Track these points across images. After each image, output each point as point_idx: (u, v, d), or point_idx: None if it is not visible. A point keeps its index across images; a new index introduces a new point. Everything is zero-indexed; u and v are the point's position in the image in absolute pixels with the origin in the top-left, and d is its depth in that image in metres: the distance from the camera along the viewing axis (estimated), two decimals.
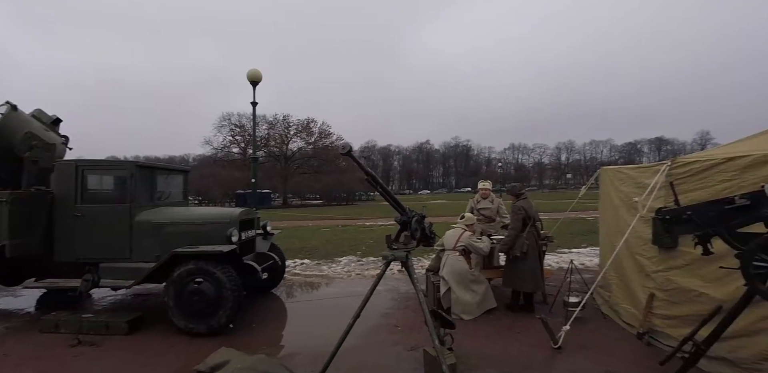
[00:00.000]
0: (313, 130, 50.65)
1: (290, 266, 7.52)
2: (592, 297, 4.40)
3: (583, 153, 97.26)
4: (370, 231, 13.80)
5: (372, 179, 2.50)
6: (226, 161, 48.29)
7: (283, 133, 50.15)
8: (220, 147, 49.14)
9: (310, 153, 50.56)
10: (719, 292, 2.89)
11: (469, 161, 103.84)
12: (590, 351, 3.45)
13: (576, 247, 8.83)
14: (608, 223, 4.50)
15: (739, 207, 1.90)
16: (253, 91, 7.72)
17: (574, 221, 13.27)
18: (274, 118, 49.62)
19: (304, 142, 51.08)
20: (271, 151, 49.49)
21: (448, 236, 4.68)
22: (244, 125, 46.93)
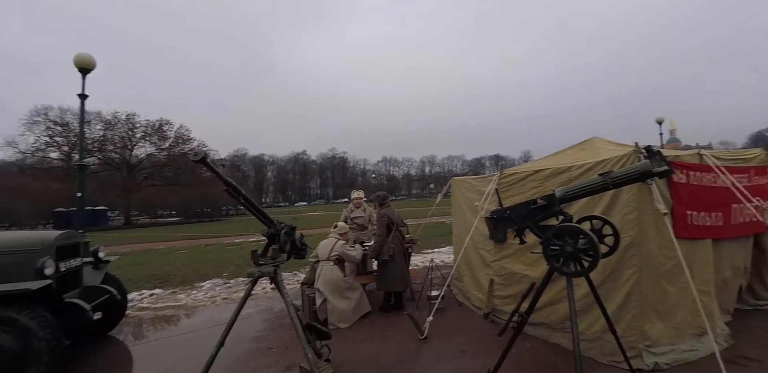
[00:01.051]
0: (168, 134, 43.46)
1: (135, 299, 6.35)
2: (450, 289, 5.06)
3: (442, 166, 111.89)
4: (240, 249, 12.77)
5: (232, 189, 2.36)
6: (40, 169, 36.41)
7: (126, 136, 41.36)
8: (30, 150, 36.51)
9: (163, 161, 43.23)
10: (536, 272, 3.69)
11: (345, 173, 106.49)
12: (449, 336, 3.95)
13: (437, 247, 9.97)
14: (458, 224, 5.26)
15: (540, 206, 2.50)
16: (83, 81, 6.36)
17: (435, 225, 14.94)
18: (114, 116, 40.43)
19: (155, 148, 43.26)
20: (109, 157, 40.41)
21: (322, 247, 4.73)
22: (69, 123, 36.36)
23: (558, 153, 4.61)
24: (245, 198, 2.51)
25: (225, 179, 2.33)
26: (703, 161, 3.38)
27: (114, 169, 41.15)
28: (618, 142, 4.12)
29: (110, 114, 40.43)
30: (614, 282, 3.13)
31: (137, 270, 9.20)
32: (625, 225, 3.00)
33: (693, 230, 3.24)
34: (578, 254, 2.20)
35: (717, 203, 3.39)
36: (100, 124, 39.83)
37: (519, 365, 3.21)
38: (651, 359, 2.96)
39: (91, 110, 37.49)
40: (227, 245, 14.79)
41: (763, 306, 4.05)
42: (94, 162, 38.27)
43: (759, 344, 3.28)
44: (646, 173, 2.14)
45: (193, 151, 2.15)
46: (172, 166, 43.23)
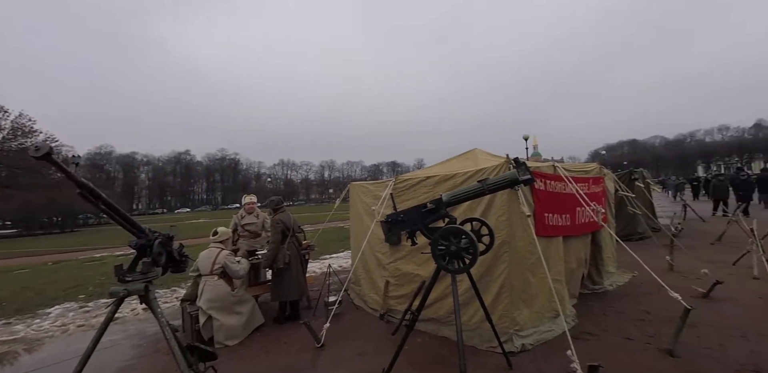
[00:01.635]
0: (1, 123, 34.86)
1: None
2: (347, 293, 5.08)
3: (342, 171, 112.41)
4: (102, 265, 10.81)
5: (88, 192, 1.93)
6: None
7: None
8: None
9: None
10: (426, 272, 3.95)
11: (237, 176, 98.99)
12: (346, 340, 3.94)
13: (335, 252, 9.92)
14: (356, 228, 5.33)
15: (430, 210, 2.69)
16: None
17: (334, 230, 14.90)
18: None
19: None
20: None
21: (202, 259, 4.24)
22: None
23: (446, 161, 5.04)
24: (106, 203, 2.08)
25: (78, 180, 1.89)
26: (556, 172, 4.07)
27: None
28: (494, 153, 4.70)
29: None
30: (490, 276, 3.54)
31: None
32: (499, 226, 3.43)
33: (549, 229, 3.87)
34: (461, 253, 2.43)
35: (566, 206, 4.12)
36: None
37: (411, 360, 3.37)
38: (519, 342, 3.41)
39: None
40: (85, 260, 12.39)
41: (598, 290, 5.02)
42: None
43: (596, 321, 4.04)
44: (514, 181, 2.47)
45: (34, 146, 1.70)
46: (5, 164, 34.40)
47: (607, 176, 5.61)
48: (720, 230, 8.13)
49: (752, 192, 12.65)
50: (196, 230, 19.66)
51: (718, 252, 6.98)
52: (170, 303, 5.98)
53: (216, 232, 4.40)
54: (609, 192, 5.53)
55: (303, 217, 26.24)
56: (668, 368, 2.99)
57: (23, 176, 34.77)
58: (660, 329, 3.68)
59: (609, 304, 4.55)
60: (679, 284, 4.71)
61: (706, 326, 3.68)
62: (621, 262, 5.74)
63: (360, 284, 5.12)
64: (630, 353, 3.26)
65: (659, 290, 3.35)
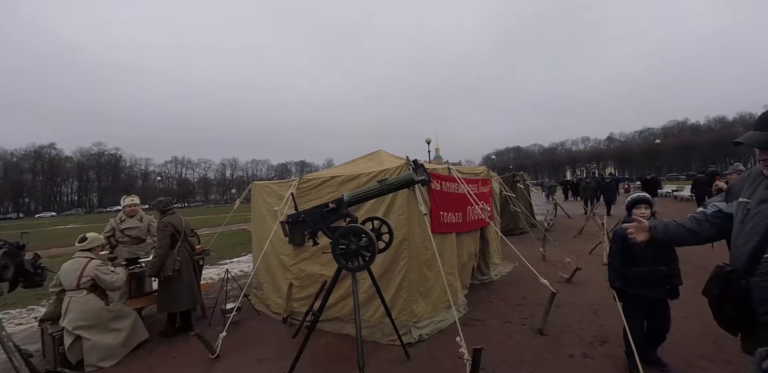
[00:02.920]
0: None
1: None
2: (247, 299, 4.83)
3: (246, 170, 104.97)
4: None
5: None
6: None
7: None
8: None
9: None
10: (331, 271, 3.90)
11: (119, 174, 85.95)
12: (246, 348, 3.76)
13: (236, 256, 9.31)
14: (258, 230, 5.10)
15: (331, 209, 2.73)
16: None
17: (236, 232, 13.96)
18: None
19: None
20: None
21: (65, 272, 3.61)
22: None
23: (351, 162, 5.15)
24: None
25: None
26: (450, 173, 4.47)
27: None
28: (398, 155, 4.95)
29: None
30: (391, 273, 3.73)
31: None
32: (399, 224, 3.64)
33: (444, 226, 4.23)
34: (360, 251, 2.52)
35: (459, 205, 4.54)
36: None
37: (314, 361, 3.36)
38: (417, 333, 3.65)
39: None
40: None
41: (486, 280, 5.65)
42: None
43: (483, 308, 4.54)
44: (411, 181, 2.66)
45: None
46: None
47: (494, 178, 6.36)
48: (581, 225, 9.83)
49: (615, 194, 15.24)
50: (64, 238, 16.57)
51: (579, 243, 8.42)
52: (28, 324, 4.96)
53: (84, 238, 3.77)
54: (495, 192, 6.27)
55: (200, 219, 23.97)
56: (539, 345, 3.50)
57: None
58: (534, 311, 4.29)
59: (494, 292, 5.16)
60: (549, 272, 5.57)
61: (568, 307, 4.41)
62: (504, 254, 6.54)
63: (262, 288, 4.92)
64: (510, 334, 3.74)
65: (534, 278, 3.91)
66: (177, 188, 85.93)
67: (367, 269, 2.70)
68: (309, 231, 2.71)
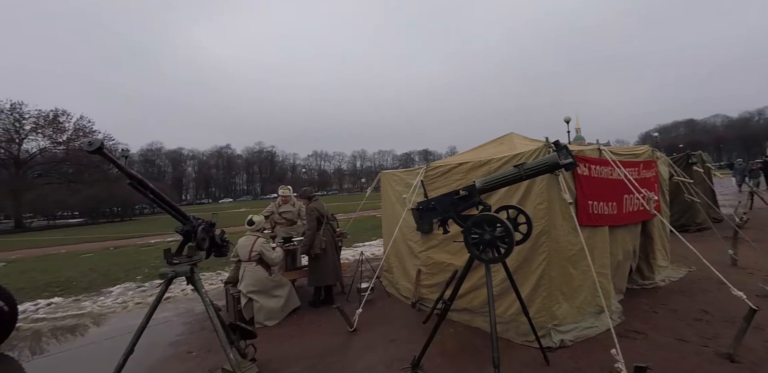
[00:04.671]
0: (66, 125, 38.16)
1: (28, 310, 5.56)
2: (379, 280, 5.12)
3: (373, 161, 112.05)
4: (155, 250, 11.64)
5: (138, 183, 2.12)
6: None
7: (11, 128, 35.57)
8: None
9: (62, 156, 37.91)
10: (460, 261, 3.86)
11: (274, 167, 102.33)
12: (378, 326, 3.98)
13: (367, 240, 10.02)
14: (388, 217, 5.32)
15: (462, 197, 2.60)
16: None
17: (366, 218, 15.05)
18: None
19: (50, 142, 37.75)
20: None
21: (240, 246, 4.41)
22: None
23: (479, 147, 4.87)
24: (153, 192, 2.27)
25: (128, 172, 2.08)
26: (602, 156, 3.79)
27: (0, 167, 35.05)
28: (532, 137, 4.47)
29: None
30: (528, 267, 3.40)
31: (32, 278, 7.97)
32: (537, 214, 3.26)
33: (593, 218, 3.64)
34: (495, 242, 2.33)
35: (612, 193, 3.84)
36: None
37: (443, 349, 3.34)
38: (558, 337, 3.26)
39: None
40: (141, 245, 13.41)
41: (648, 285, 4.68)
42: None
43: (644, 319, 3.77)
44: (554, 165, 2.32)
45: (88, 141, 1.87)
46: (72, 162, 37.85)
47: (661, 160, 5.15)
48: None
49: None
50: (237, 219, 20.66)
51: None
52: (215, 285, 6.34)
53: (252, 221, 4.56)
54: (663, 178, 5.10)
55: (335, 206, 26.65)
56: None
57: (87, 173, 38.11)
58: (719, 330, 3.37)
59: (660, 301, 4.24)
60: (744, 282, 4.30)
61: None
62: (675, 255, 5.32)
63: (392, 272, 5.14)
64: (683, 355, 3.02)
65: (720, 288, 3.07)
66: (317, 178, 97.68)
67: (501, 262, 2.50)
68: (439, 219, 2.64)
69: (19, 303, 4.65)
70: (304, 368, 3.19)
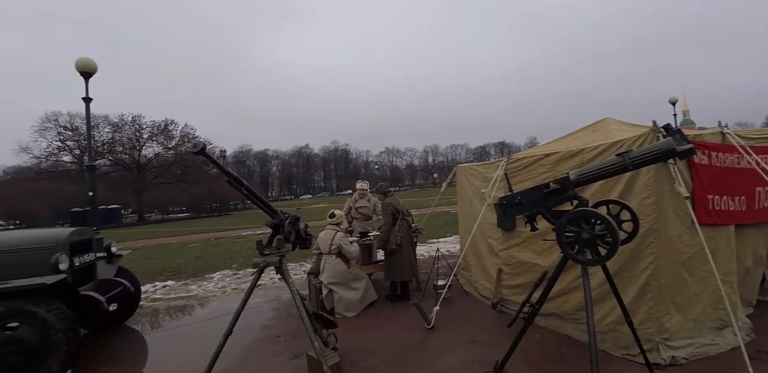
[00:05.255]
0: (173, 133, 44.24)
1: (148, 291, 6.46)
2: (456, 278, 4.97)
3: (446, 155, 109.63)
4: (247, 241, 12.85)
5: (234, 180, 2.32)
6: (54, 173, 38.01)
7: (133, 137, 42.17)
8: (44, 155, 37.66)
9: (171, 159, 43.90)
10: (547, 261, 3.57)
11: (348, 165, 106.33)
12: (457, 326, 3.87)
13: (442, 237, 9.84)
14: (465, 212, 5.13)
15: (553, 190, 2.36)
16: (86, 85, 6.41)
17: (440, 214, 14.83)
18: (121, 119, 41.27)
19: (162, 148, 44.08)
20: (119, 158, 41.25)
21: (321, 239, 4.60)
22: (78, 127, 37.16)
23: (567, 136, 4.43)
24: (247, 189, 2.47)
25: (226, 170, 2.29)
26: (726, 141, 3.17)
27: (125, 170, 41.70)
28: (632, 123, 3.93)
29: (117, 117, 41.11)
30: (631, 271, 2.99)
31: (151, 264, 9.30)
32: (644, 210, 2.85)
33: (715, 215, 3.08)
34: (595, 241, 2.08)
35: (740, 185, 3.21)
36: (108, 127, 40.63)
37: (528, 355, 3.12)
38: (668, 353, 2.83)
39: (98, 114, 38.85)
40: (235, 237, 14.90)
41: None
42: (105, 163, 39.13)
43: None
44: (669, 152, 1.98)
45: (192, 143, 2.10)
46: (179, 165, 43.66)
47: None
48: None
49: None
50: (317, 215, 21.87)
51: None
52: (298, 275, 6.78)
53: (333, 214, 4.75)
54: None
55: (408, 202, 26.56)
56: None
57: (192, 174, 43.69)
58: None
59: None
60: None
61: None
62: None
63: (470, 270, 4.96)
64: None
65: None
66: (390, 174, 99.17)
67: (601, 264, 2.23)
68: (526, 215, 2.44)
69: (141, 285, 5.42)
70: (383, 362, 3.22)
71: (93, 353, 3.93)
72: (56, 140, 37.70)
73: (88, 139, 7.85)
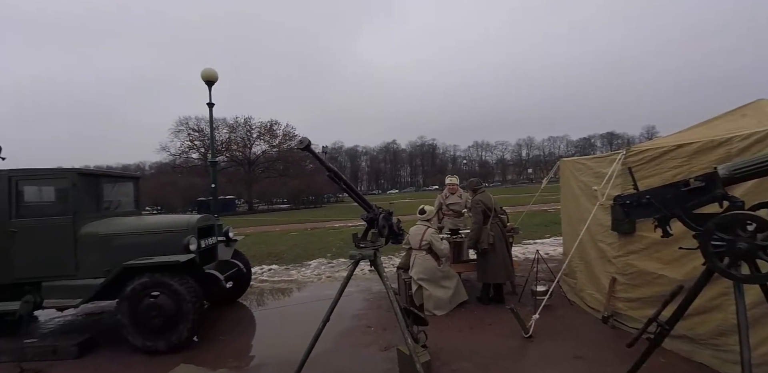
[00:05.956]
0: (277, 132, 49.08)
1: (257, 272, 7.24)
2: (558, 285, 4.52)
3: (542, 149, 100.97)
4: (340, 233, 13.61)
5: (334, 175, 2.41)
6: (185, 168, 45.66)
7: (245, 137, 48.15)
8: (178, 153, 45.91)
9: (275, 156, 48.96)
10: (677, 272, 3.02)
11: (435, 160, 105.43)
12: (559, 338, 3.52)
13: (540, 238, 9.12)
14: (570, 212, 4.63)
15: (695, 189, 1.96)
16: (209, 92, 7.37)
17: (536, 213, 13.76)
18: (235, 121, 47.49)
19: (268, 145, 49.33)
20: (234, 155, 47.49)
21: (412, 235, 4.57)
22: (203, 129, 44.17)
23: (705, 123, 3.67)
24: (346, 183, 2.56)
25: (327, 165, 2.39)
26: None
27: (238, 165, 47.84)
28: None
29: (232, 119, 47.40)
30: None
31: (258, 248, 10.45)
32: None
33: None
34: (757, 253, 1.66)
35: None
36: (226, 128, 46.91)
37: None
38: None
39: (218, 117, 45.17)
40: (329, 228, 15.90)
41: None
42: (223, 160, 45.23)
43: None
44: None
45: (299, 140, 2.24)
46: (282, 161, 48.55)
47: None
48: None
49: None
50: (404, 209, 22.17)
51: None
52: (387, 269, 6.92)
53: (423, 210, 4.69)
54: None
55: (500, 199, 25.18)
56: None
57: (292, 169, 48.12)
58: None
59: None
60: None
61: None
62: None
63: (575, 277, 4.47)
64: None
65: None
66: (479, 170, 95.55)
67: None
68: (656, 217, 2.07)
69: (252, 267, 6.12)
70: (475, 367, 3.08)
71: (213, 323, 4.54)
72: (187, 140, 45.19)
73: (211, 139, 9.25)
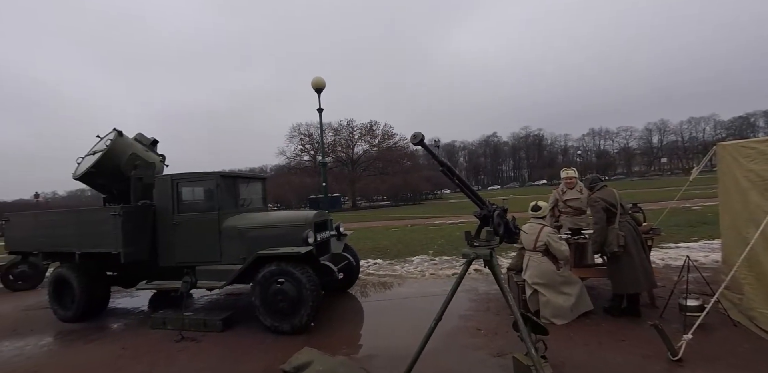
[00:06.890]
0: (377, 132, 51.43)
1: (364, 266, 7.61)
2: (717, 300, 3.69)
3: (679, 133, 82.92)
4: (440, 230, 13.50)
5: (447, 170, 2.33)
6: (299, 169, 51.10)
7: (348, 138, 51.61)
8: (292, 156, 51.84)
9: (375, 155, 51.42)
10: None
11: (542, 152, 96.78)
12: (720, 365, 2.86)
13: (683, 241, 7.61)
14: (734, 210, 3.72)
15: None
16: (318, 98, 7.95)
17: (676, 210, 11.55)
18: (339, 124, 51.13)
19: (368, 145, 52.09)
20: (338, 156, 51.25)
21: (525, 234, 4.16)
22: (312, 134, 48.89)
23: None
24: (459, 178, 2.47)
25: (440, 160, 2.33)
26: None
27: (343, 165, 51.53)
28: None
29: (336, 123, 51.14)
30: None
31: (363, 243, 11.01)
32: None
33: None
34: None
35: None
36: (331, 131, 50.81)
37: None
38: None
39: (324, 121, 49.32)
40: (429, 225, 15.91)
41: None
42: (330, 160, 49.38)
43: None
44: None
45: (412, 135, 2.23)
46: (381, 159, 50.88)
47: None
48: None
49: None
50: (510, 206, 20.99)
51: None
52: None
53: (537, 207, 4.26)
54: None
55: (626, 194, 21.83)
56: None
57: (391, 167, 50.05)
58: None
59: None
60: None
61: None
62: None
63: (741, 292, 3.59)
64: None
65: None
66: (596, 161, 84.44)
67: None
68: None
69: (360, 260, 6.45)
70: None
71: (326, 311, 4.90)
72: (300, 145, 50.67)
73: (321, 142, 10.14)
